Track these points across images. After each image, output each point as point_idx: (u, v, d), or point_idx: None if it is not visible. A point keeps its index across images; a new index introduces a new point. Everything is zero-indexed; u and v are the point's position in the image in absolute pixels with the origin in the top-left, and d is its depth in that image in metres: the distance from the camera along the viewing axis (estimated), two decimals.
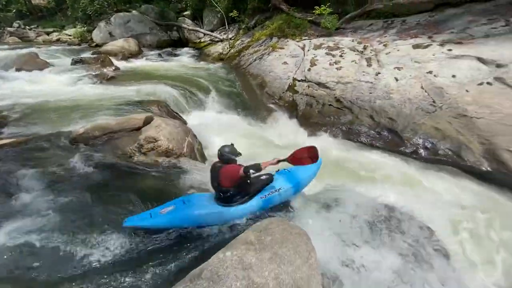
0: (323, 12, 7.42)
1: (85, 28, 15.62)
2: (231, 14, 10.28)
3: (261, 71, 7.22)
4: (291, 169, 2.99)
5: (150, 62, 9.72)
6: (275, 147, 4.82)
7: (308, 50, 6.93)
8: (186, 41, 13.49)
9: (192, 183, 3.04)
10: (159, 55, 11.26)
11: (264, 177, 2.70)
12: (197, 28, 12.90)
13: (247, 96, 6.79)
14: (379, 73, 5.33)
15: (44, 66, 7.56)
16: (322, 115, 5.61)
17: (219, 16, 12.07)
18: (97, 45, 12.83)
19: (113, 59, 8.95)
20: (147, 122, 3.64)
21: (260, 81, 7.02)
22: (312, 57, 6.54)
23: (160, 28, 13.87)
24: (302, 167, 2.89)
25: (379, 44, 6.14)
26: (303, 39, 7.57)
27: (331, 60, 6.22)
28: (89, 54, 10.12)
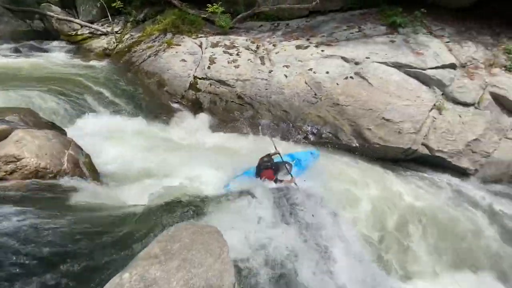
0: (216, 11, 7.52)
1: None
2: (114, 5, 9.07)
3: (158, 69, 6.73)
4: (298, 158, 4.09)
5: (5, 60, 7.46)
6: (178, 147, 4.61)
7: (206, 48, 6.91)
8: (57, 33, 11.06)
9: (81, 207, 2.50)
10: (17, 50, 8.81)
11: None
12: (71, 18, 10.75)
13: (144, 96, 6.19)
14: (272, 71, 5.87)
15: None
16: (227, 112, 5.75)
17: (99, 6, 10.44)
18: None
19: None
20: (1, 137, 2.77)
21: (158, 80, 6.54)
22: (211, 55, 6.56)
23: (15, 15, 10.84)
24: (305, 155, 4.21)
25: (269, 44, 6.74)
26: (200, 37, 7.48)
27: (229, 58, 6.40)
28: None
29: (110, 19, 9.73)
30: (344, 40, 6.41)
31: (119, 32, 9.53)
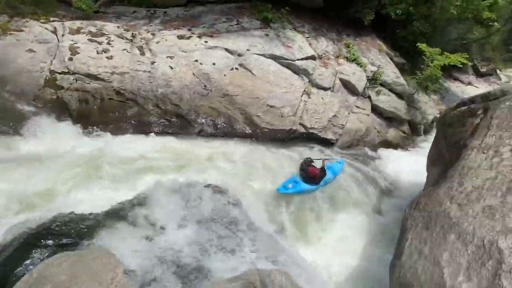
0: None
1: None
2: None
3: None
4: (331, 165, 4.98)
5: None
6: (36, 164, 3.56)
7: (63, 35, 5.57)
8: None
9: None
10: None
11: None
12: None
13: None
14: (154, 62, 5.40)
15: None
16: (105, 112, 4.91)
17: None
18: None
19: None
20: None
21: None
22: (71, 44, 5.34)
23: None
24: (335, 164, 5.14)
25: (147, 33, 6.13)
26: (52, 21, 5.93)
27: (98, 48, 5.41)
28: None
29: None
30: (225, 32, 6.61)
31: None
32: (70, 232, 2.09)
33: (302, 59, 6.45)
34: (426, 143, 7.97)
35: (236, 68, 5.80)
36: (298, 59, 6.38)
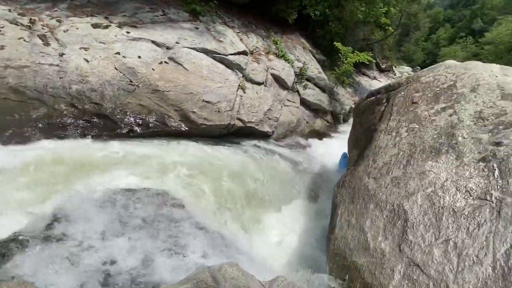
0: None
1: None
2: None
3: None
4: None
5: None
6: None
7: None
8: None
9: None
10: None
11: None
12: None
13: None
14: (64, 54, 4.61)
15: None
16: None
17: None
18: None
19: None
20: None
21: None
22: None
23: None
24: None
25: (51, 19, 5.16)
26: None
27: None
28: None
29: None
30: (150, 23, 6.12)
31: None
32: None
33: (235, 54, 6.51)
34: (345, 130, 9.17)
35: (166, 62, 5.45)
36: (231, 54, 6.40)
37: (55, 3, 5.75)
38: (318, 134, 8.25)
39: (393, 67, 18.83)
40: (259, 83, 6.67)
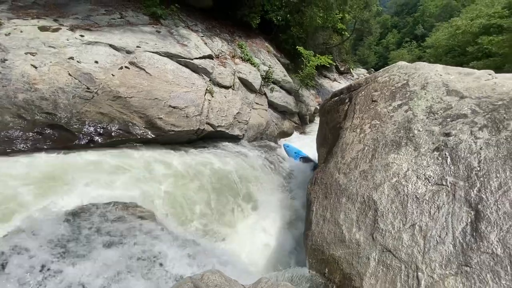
0: None
1: None
2: None
3: None
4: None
5: None
6: None
7: None
8: None
9: None
10: None
11: None
12: None
13: None
14: (6, 60, 4.12)
15: None
16: None
17: None
18: None
19: None
20: None
21: None
22: None
23: None
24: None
25: None
26: None
27: None
28: None
29: None
30: (107, 26, 5.77)
31: None
32: None
33: (200, 58, 6.41)
34: (312, 130, 9.54)
35: (127, 67, 5.17)
36: (196, 58, 6.29)
37: None
38: (287, 135, 8.46)
39: (351, 69, 20.14)
40: (227, 87, 6.65)
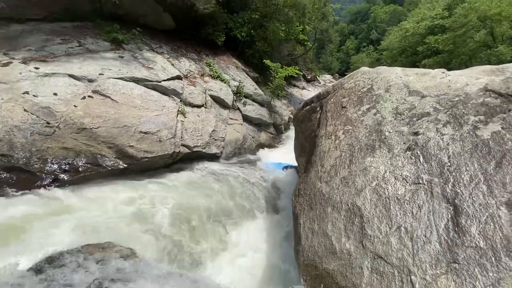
0: None
1: None
2: None
3: None
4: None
5: None
6: None
7: None
8: None
9: None
10: None
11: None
12: None
13: None
14: None
15: None
16: None
17: None
18: None
19: None
20: None
21: None
22: None
23: None
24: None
25: None
26: None
27: None
28: None
29: None
30: (65, 56, 5.49)
31: None
32: None
33: (168, 80, 6.29)
34: (289, 139, 9.66)
35: (90, 96, 4.91)
36: (164, 80, 6.17)
37: None
38: (265, 147, 8.48)
39: (317, 77, 21.01)
40: (199, 106, 6.56)
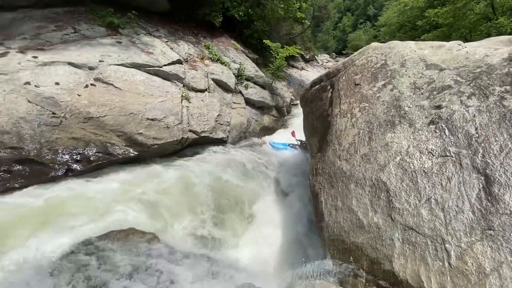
0: None
1: None
2: None
3: None
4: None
5: None
6: None
7: None
8: None
9: None
10: None
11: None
12: None
13: None
14: None
15: None
16: None
17: None
18: None
19: None
20: None
21: None
22: None
23: None
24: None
25: None
26: None
27: None
28: None
29: None
30: (61, 43, 5.29)
31: None
32: None
33: (169, 64, 6.12)
34: (292, 120, 9.63)
35: (93, 84, 4.79)
36: (165, 65, 6.00)
37: None
38: (269, 130, 8.45)
39: (315, 56, 20.58)
40: (202, 90, 6.45)
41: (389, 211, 2.02)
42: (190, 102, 5.90)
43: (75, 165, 3.95)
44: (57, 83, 4.45)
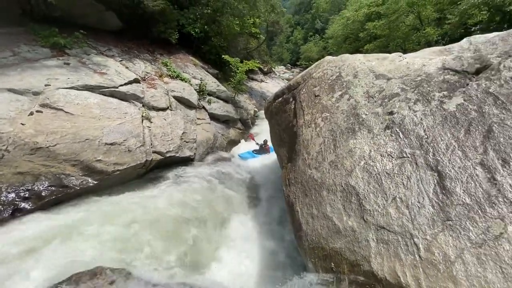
0: None
1: None
2: None
3: None
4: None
5: None
6: None
7: None
8: None
9: None
10: None
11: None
12: None
13: None
14: None
15: None
16: None
17: None
18: None
19: None
20: None
21: None
22: None
23: None
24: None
25: None
26: None
27: None
28: None
29: None
30: None
31: None
32: None
33: (126, 84, 5.84)
34: (257, 132, 9.78)
35: (39, 111, 4.35)
36: (121, 85, 5.71)
37: None
38: (235, 143, 8.46)
39: (273, 68, 21.43)
40: (164, 109, 6.24)
41: (361, 213, 2.15)
42: (152, 122, 5.66)
43: (23, 204, 3.48)
44: None
